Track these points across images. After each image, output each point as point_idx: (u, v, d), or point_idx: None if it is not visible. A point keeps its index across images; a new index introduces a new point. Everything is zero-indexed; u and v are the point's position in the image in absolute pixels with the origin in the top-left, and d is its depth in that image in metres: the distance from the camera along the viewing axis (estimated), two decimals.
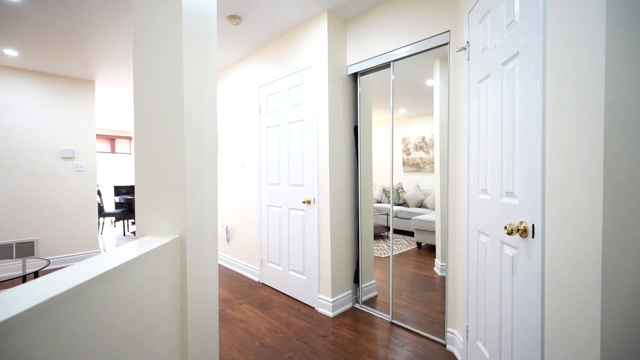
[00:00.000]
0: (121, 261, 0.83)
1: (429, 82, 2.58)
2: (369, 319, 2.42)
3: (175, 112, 1.18)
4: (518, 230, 1.15)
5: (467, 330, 1.73)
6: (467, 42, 1.69)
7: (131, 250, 0.94)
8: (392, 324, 2.35)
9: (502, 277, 1.34)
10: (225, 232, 3.84)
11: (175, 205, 1.16)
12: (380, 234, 4.51)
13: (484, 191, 1.52)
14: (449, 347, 1.99)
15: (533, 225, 1.09)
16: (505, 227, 1.17)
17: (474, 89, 1.62)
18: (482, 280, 1.55)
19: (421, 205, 4.01)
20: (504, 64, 1.31)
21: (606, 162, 0.80)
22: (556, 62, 0.98)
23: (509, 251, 1.28)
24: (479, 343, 1.61)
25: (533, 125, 1.09)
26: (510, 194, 1.27)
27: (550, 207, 1.01)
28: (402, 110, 3.06)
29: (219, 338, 2.18)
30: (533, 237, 1.10)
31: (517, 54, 1.21)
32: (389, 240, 4.41)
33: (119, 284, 0.82)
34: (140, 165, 1.19)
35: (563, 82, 0.95)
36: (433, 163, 3.45)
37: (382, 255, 3.89)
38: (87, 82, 4.09)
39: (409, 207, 4.02)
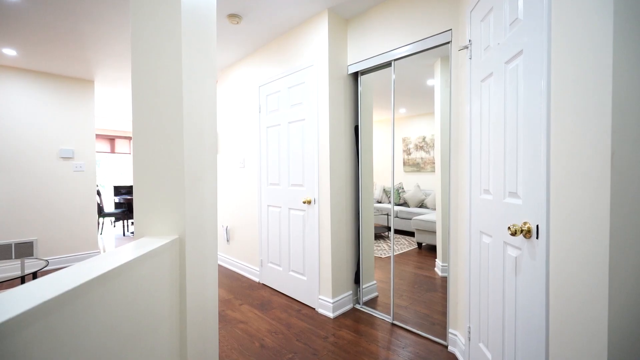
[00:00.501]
0: (119, 263, 0.81)
1: (429, 82, 2.57)
2: (370, 320, 2.40)
3: (174, 111, 1.17)
4: (522, 231, 1.14)
5: (469, 332, 1.72)
6: (469, 40, 1.67)
7: (129, 251, 0.92)
8: (393, 324, 2.33)
9: (505, 278, 1.33)
10: (225, 233, 3.83)
11: (175, 205, 1.14)
12: (380, 234, 4.50)
13: (487, 191, 1.50)
14: (450, 348, 1.98)
15: (537, 226, 1.08)
16: (509, 228, 1.15)
17: (476, 88, 1.61)
18: (485, 281, 1.53)
19: (422, 205, 4.00)
20: (507, 62, 1.29)
21: (613, 161, 0.78)
22: (561, 60, 0.96)
23: (512, 252, 1.27)
24: (481, 344, 1.59)
25: (537, 124, 1.08)
26: (513, 194, 1.26)
27: (554, 208, 1.00)
28: (402, 110, 3.05)
29: (219, 339, 2.17)
30: (537, 237, 1.08)
31: (520, 52, 1.19)
32: (389, 240, 4.40)
33: (117, 286, 0.80)
34: (139, 165, 1.17)
35: (568, 80, 0.93)
36: (434, 163, 3.43)
37: (383, 256, 3.87)
38: (86, 82, 4.08)
39: (409, 207, 4.01)
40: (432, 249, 3.75)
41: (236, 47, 3.13)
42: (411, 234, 3.96)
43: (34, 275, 2.35)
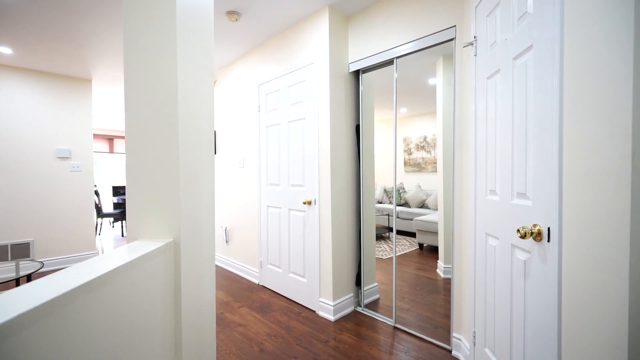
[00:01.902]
0: (107, 269, 0.76)
1: (431, 81, 2.52)
2: (371, 323, 2.35)
3: (168, 109, 1.12)
4: (532, 233, 1.09)
5: (474, 336, 1.67)
6: (475, 37, 1.63)
7: (119, 256, 0.88)
8: (395, 328, 2.28)
9: (513, 283, 1.28)
10: (224, 233, 3.78)
11: (169, 207, 1.09)
12: (381, 235, 4.46)
13: (493, 192, 1.45)
14: (454, 352, 1.93)
15: (548, 228, 1.03)
16: (518, 231, 1.10)
17: (482, 85, 1.56)
18: (491, 284, 1.49)
19: (423, 205, 3.96)
20: (516, 58, 1.25)
21: (634, 161, 0.74)
22: (575, 55, 0.91)
23: (521, 255, 1.22)
24: (487, 350, 1.54)
25: (549, 122, 1.03)
26: (522, 195, 1.21)
27: (567, 210, 0.95)
28: (403, 110, 3.00)
29: (217, 343, 2.12)
30: (549, 241, 1.03)
31: (530, 48, 1.14)
32: (390, 241, 4.35)
33: (105, 294, 0.76)
34: (132, 164, 1.12)
35: (583, 75, 0.88)
36: (435, 163, 3.39)
37: (384, 257, 3.83)
38: (84, 81, 4.03)
39: (410, 207, 3.97)
40: (433, 250, 3.70)
41: (235, 45, 3.08)
42: (412, 234, 3.92)
43: (29, 278, 2.30)
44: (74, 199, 3.96)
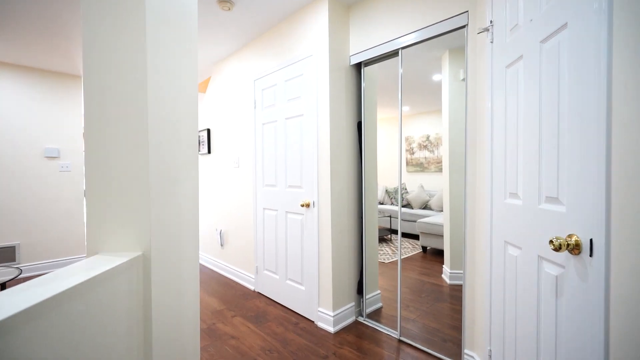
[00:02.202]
0: (49, 294, 0.59)
1: (435, 77, 2.36)
2: (374, 336, 2.18)
3: (136, 102, 0.95)
4: (568, 245, 0.92)
5: (490, 356, 1.50)
6: (491, 21, 1.46)
7: (71, 276, 0.71)
8: (400, 341, 2.11)
9: (541, 300, 1.11)
10: (219, 237, 3.61)
11: (137, 214, 0.92)
12: (382, 237, 4.28)
13: (514, 195, 1.28)
14: None
15: (591, 240, 0.86)
16: (551, 242, 0.93)
17: (500, 75, 1.39)
18: (511, 299, 1.32)
19: (426, 206, 3.78)
20: (544, 41, 1.08)
21: None
22: (629, 29, 0.75)
23: (551, 269, 1.05)
24: None
25: (591, 114, 0.86)
26: (552, 200, 1.04)
27: (617, 219, 0.78)
28: (405, 108, 2.84)
29: (206, 358, 1.95)
30: (591, 255, 0.86)
31: (564, 26, 0.97)
32: (391, 243, 4.18)
33: (44, 326, 0.59)
34: (92, 165, 0.95)
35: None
36: (438, 163, 3.22)
37: (386, 261, 3.65)
38: (72, 77, 3.85)
39: (412, 208, 3.80)
40: (437, 253, 3.52)
41: (229, 37, 2.91)
42: (414, 236, 3.74)
43: (3, 286, 2.13)
44: (63, 201, 3.79)
